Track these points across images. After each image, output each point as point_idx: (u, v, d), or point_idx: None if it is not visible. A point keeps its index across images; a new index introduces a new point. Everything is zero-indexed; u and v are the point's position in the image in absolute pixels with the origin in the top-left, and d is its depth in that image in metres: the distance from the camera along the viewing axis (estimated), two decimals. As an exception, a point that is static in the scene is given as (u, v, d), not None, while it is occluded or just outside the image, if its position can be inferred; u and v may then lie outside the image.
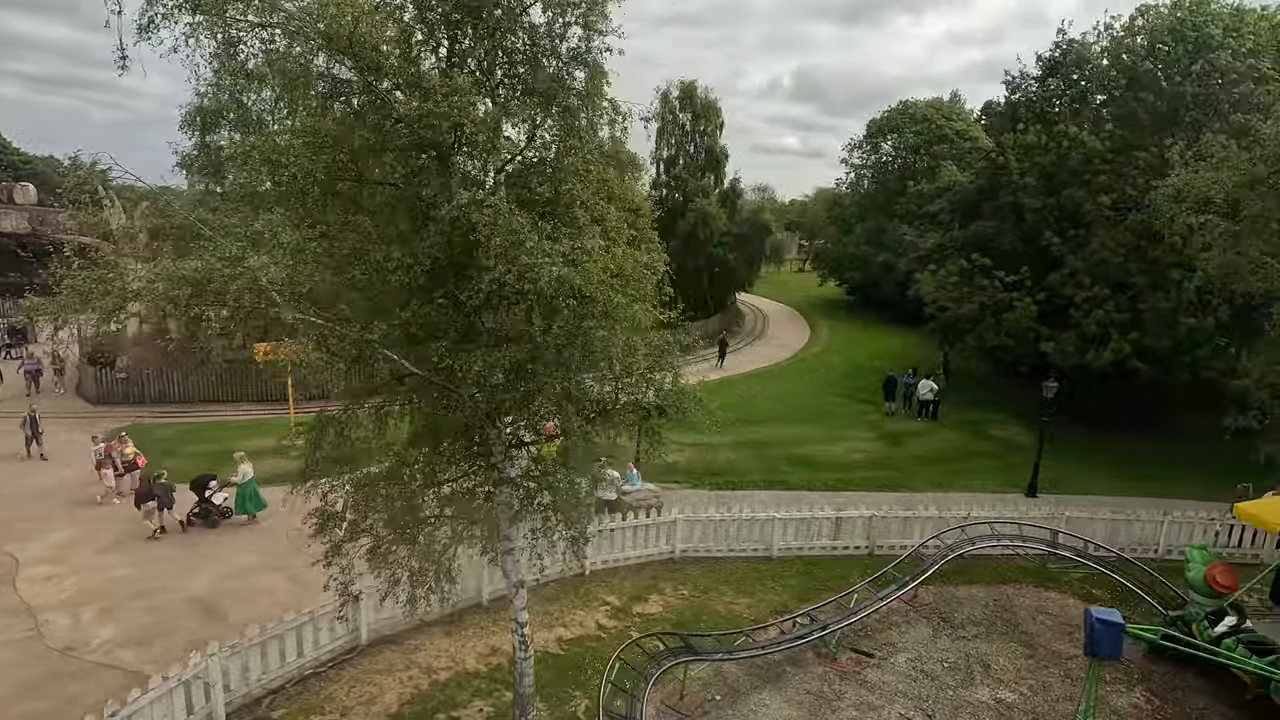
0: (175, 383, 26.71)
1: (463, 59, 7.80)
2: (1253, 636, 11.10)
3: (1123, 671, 12.16)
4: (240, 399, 27.22)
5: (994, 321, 25.30)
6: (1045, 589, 14.81)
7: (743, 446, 22.96)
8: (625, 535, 15.03)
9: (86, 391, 27.09)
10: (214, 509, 15.93)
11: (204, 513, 15.91)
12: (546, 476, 9.03)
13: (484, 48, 7.73)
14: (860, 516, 15.93)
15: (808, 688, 11.37)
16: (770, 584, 14.54)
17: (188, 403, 26.74)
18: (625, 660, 9.96)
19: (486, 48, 7.90)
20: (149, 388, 26.62)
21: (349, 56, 6.82)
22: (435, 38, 7.54)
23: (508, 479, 8.95)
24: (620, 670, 10.02)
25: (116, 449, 18.14)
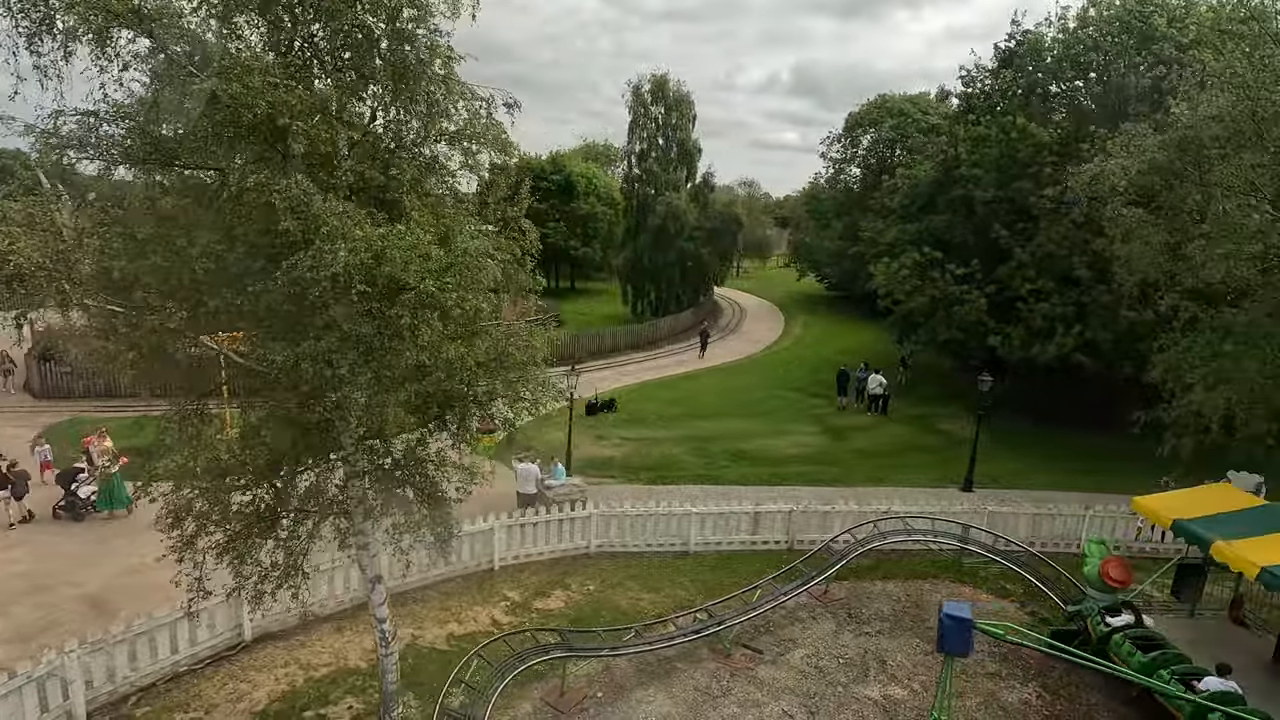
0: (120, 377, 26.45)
1: (292, 41, 7.60)
2: (1142, 632, 10.97)
3: (1019, 666, 12.06)
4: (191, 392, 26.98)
5: (945, 315, 25.15)
6: (961, 584, 14.68)
7: (685, 441, 22.82)
8: (537, 530, 14.86)
9: (32, 386, 26.85)
10: (79, 502, 15.79)
11: (69, 505, 15.79)
12: (398, 471, 8.88)
13: (309, 27, 7.52)
14: (779, 511, 15.78)
15: (695, 684, 11.22)
16: (681, 579, 14.38)
17: (135, 396, 26.48)
18: (484, 657, 9.77)
19: (320, 28, 7.72)
20: (95, 381, 26.37)
21: (143, 33, 6.59)
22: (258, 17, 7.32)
23: (359, 473, 8.78)
24: (477, 668, 9.81)
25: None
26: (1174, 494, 12.11)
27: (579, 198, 61.90)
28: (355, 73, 7.89)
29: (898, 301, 26.87)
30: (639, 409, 26.58)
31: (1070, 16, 25.05)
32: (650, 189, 46.64)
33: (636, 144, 48.47)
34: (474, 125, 9.23)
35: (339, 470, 8.87)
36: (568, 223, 61.01)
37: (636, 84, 48.03)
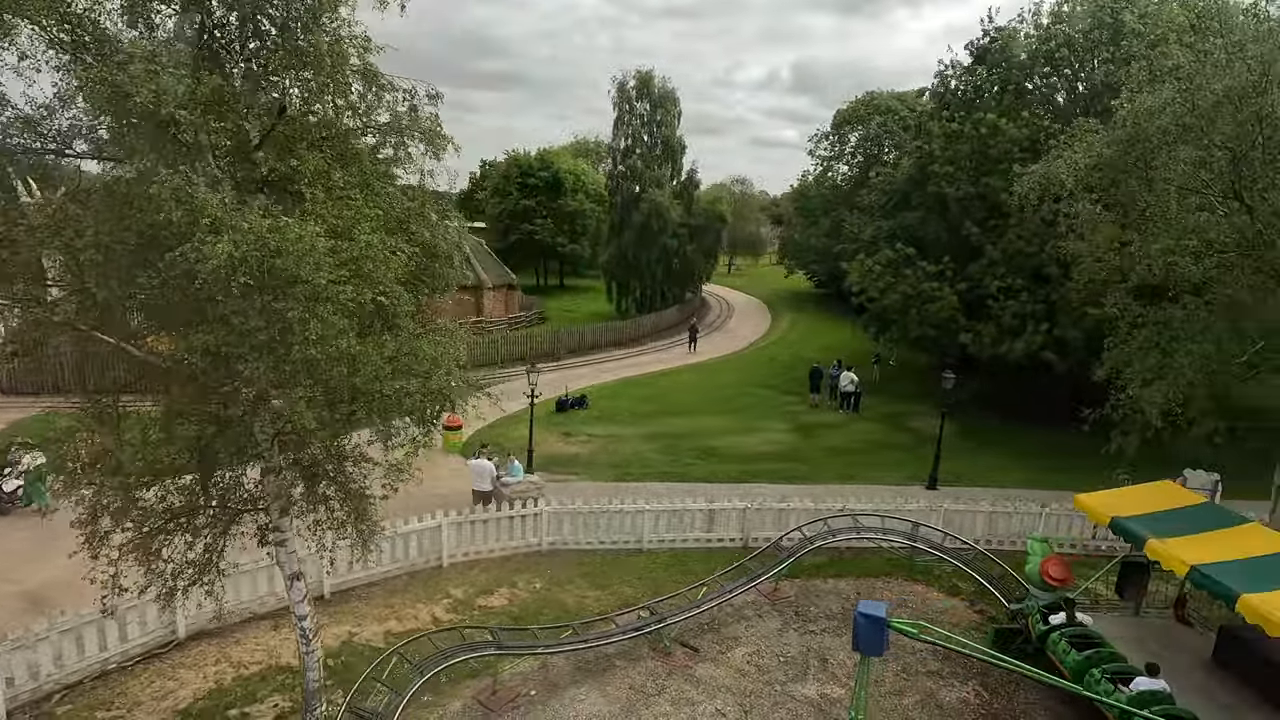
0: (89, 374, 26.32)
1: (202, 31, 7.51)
2: (1078, 631, 10.89)
3: (961, 665, 11.97)
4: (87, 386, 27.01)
5: (918, 312, 25.06)
6: (914, 583, 14.61)
7: (654, 438, 22.72)
8: (487, 528, 14.76)
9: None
10: (3, 496, 15.69)
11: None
12: (315, 468, 8.78)
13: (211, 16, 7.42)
14: (733, 508, 15.69)
15: (631, 682, 11.13)
16: (631, 577, 14.28)
17: (103, 392, 26.38)
18: (404, 656, 9.67)
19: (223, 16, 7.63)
20: (63, 376, 26.22)
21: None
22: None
23: (274, 469, 8.67)
24: (395, 666, 9.70)
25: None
26: (1116, 491, 12.03)
27: (567, 194, 61.78)
28: (261, 62, 7.80)
29: (872, 299, 26.78)
30: (611, 406, 26.48)
31: (1044, 13, 24.96)
32: (634, 186, 46.46)
33: (621, 140, 48.31)
34: (400, 118, 9.16)
35: (256, 466, 8.78)
36: (555, 219, 60.91)
37: (621, 80, 47.94)
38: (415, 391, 8.48)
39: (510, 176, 62.35)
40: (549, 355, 37.03)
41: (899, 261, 25.54)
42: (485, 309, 44.64)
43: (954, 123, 25.54)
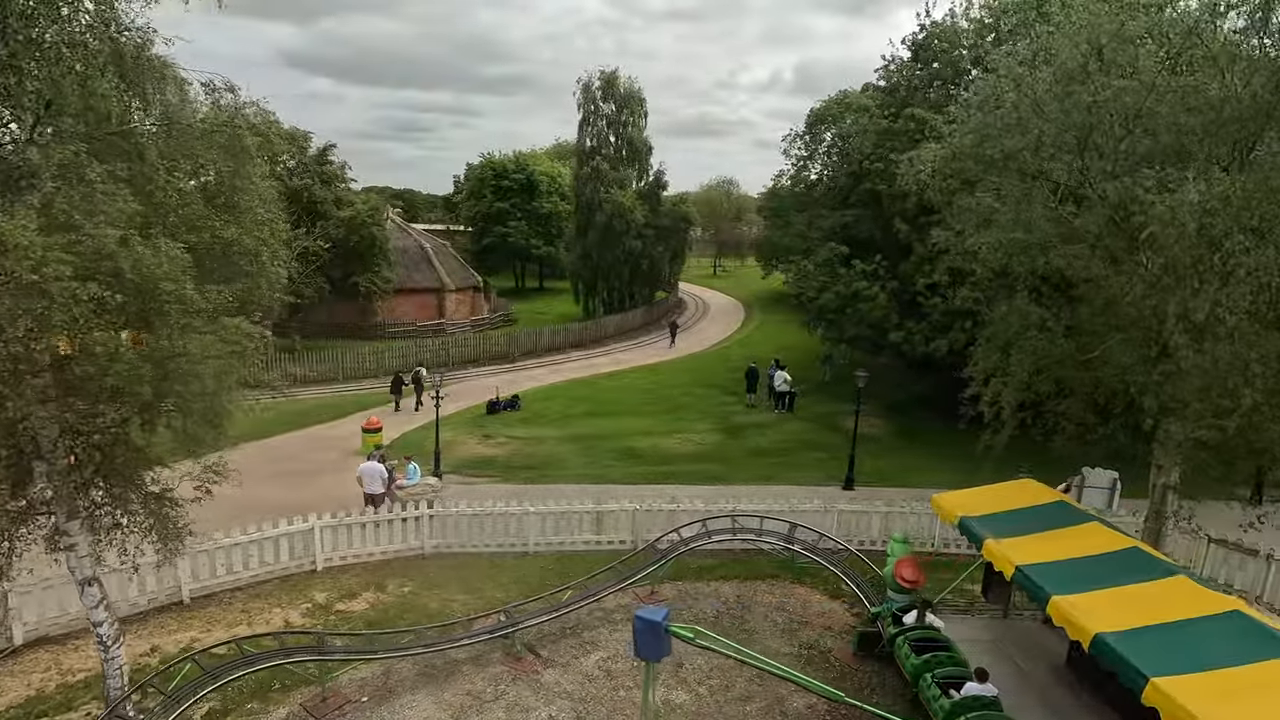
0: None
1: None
2: (923, 634, 10.60)
3: (823, 668, 11.69)
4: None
5: (853, 311, 24.76)
6: (798, 585, 14.33)
7: (576, 440, 22.47)
8: (365, 531, 14.53)
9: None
10: None
11: None
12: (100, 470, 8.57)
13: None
14: (623, 510, 15.43)
15: (470, 689, 10.88)
16: (506, 580, 14.03)
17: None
18: (199, 663, 9.42)
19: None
20: None
21: None
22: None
23: (57, 471, 8.46)
24: (187, 673, 9.40)
25: None
26: (974, 491, 11.74)
27: (541, 197, 61.67)
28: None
29: (811, 299, 26.50)
30: (545, 408, 26.25)
31: (976, 5, 24.69)
32: (600, 187, 46.25)
33: (587, 141, 48.12)
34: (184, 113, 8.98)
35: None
36: (529, 222, 60.79)
37: (586, 81, 47.77)
38: (193, 394, 8.27)
39: (485, 179, 62.29)
40: (504, 357, 36.85)
41: (833, 261, 25.26)
42: (448, 311, 44.51)
43: (885, 118, 25.26)
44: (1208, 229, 7.22)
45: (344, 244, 34.71)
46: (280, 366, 29.80)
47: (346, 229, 34.30)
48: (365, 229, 34.81)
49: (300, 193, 33.22)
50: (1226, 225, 7.13)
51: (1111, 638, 7.49)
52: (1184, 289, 7.71)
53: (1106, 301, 9.13)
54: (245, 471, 20.02)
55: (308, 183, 33.65)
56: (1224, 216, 7.19)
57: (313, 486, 19.13)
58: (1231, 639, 7.32)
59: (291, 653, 10.04)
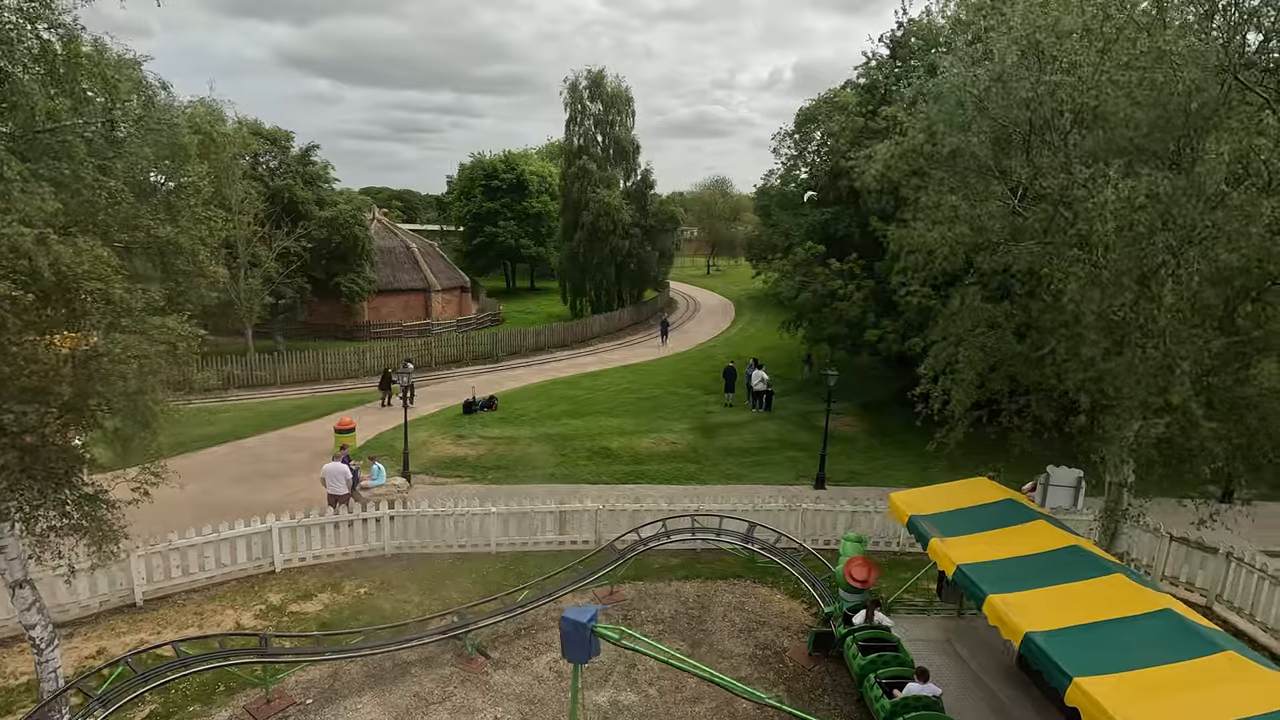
0: None
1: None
2: (871, 634, 10.53)
3: (773, 670, 11.62)
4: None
5: (830, 310, 24.68)
6: (759, 585, 14.25)
7: (549, 439, 22.39)
8: (325, 532, 14.45)
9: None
10: None
11: None
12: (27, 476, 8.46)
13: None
14: (585, 510, 15.35)
15: (418, 690, 10.80)
16: (465, 581, 13.96)
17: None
18: (130, 665, 9.33)
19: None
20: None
21: None
22: None
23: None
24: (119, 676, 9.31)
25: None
26: (926, 489, 11.68)
27: (532, 196, 61.55)
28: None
29: (790, 299, 26.43)
30: (523, 407, 26.17)
31: (953, 3, 24.60)
32: (587, 186, 46.17)
33: (574, 140, 48.05)
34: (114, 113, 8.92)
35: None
36: (519, 222, 60.69)
37: (574, 80, 47.70)
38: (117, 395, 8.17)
39: (475, 179, 62.19)
40: (488, 357, 36.79)
41: (810, 260, 25.18)
42: (434, 311, 44.44)
43: (862, 116, 25.19)
44: (1132, 227, 7.15)
45: (326, 244, 34.66)
46: (246, 366, 29.76)
47: (329, 229, 34.22)
48: (347, 229, 34.73)
49: (281, 193, 33.17)
50: (1150, 224, 7.06)
51: (1040, 637, 7.42)
52: (1108, 288, 7.65)
53: (1054, 298, 9.06)
54: (215, 473, 20.33)
55: (289, 183, 33.54)
56: (1150, 214, 7.11)
57: (281, 487, 19.08)
58: (1160, 638, 7.25)
59: (231, 655, 9.93)
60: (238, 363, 29.66)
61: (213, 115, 27.08)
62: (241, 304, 29.58)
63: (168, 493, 18.13)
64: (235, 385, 29.22)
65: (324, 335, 39.42)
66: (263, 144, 34.48)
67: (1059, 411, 11.12)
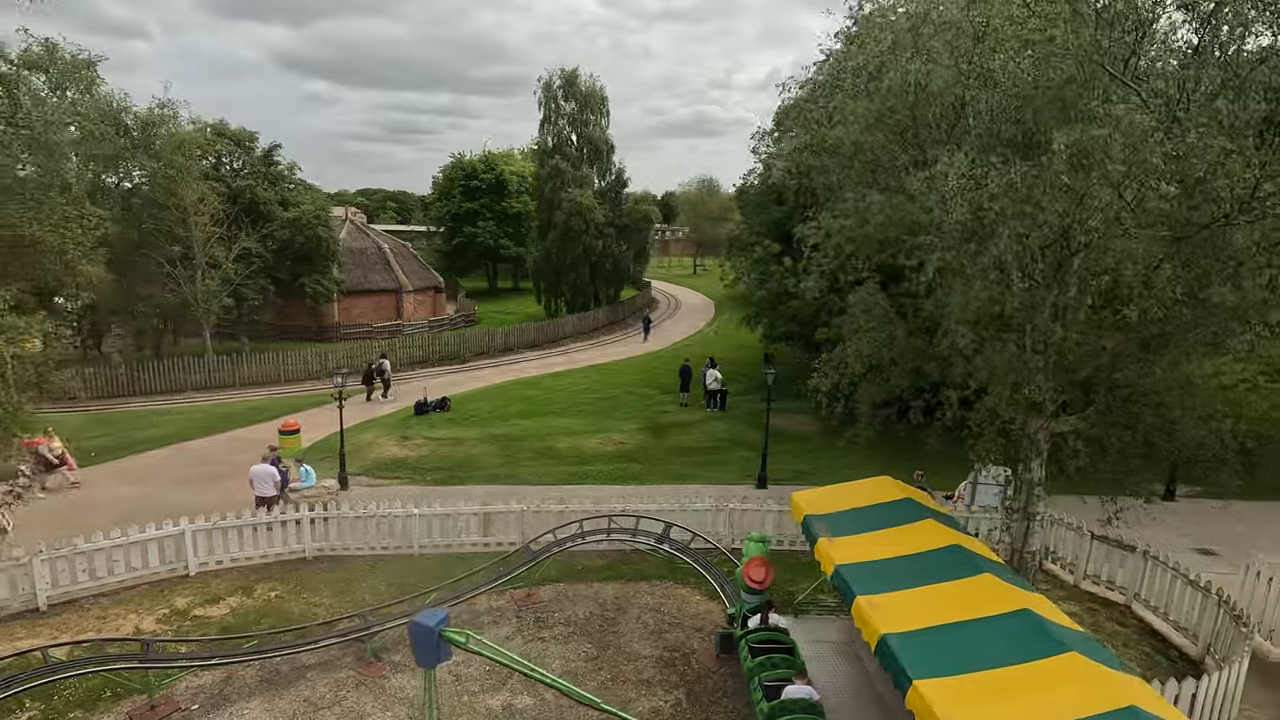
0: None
1: None
2: (765, 635, 10.39)
3: (676, 673, 11.47)
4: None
5: (784, 308, 24.56)
6: (681, 586, 14.11)
7: (495, 440, 22.24)
8: (242, 534, 14.28)
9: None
10: None
11: None
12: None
13: None
14: (511, 512, 15.20)
15: (309, 695, 10.65)
16: (381, 583, 13.80)
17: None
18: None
19: None
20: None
21: None
22: None
23: None
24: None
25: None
26: (827, 489, 11.54)
27: (511, 196, 61.45)
28: None
29: (749, 296, 26.31)
30: (477, 408, 26.02)
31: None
32: (560, 186, 46.04)
33: (548, 140, 47.94)
34: None
35: None
36: (498, 222, 60.58)
37: (547, 79, 47.56)
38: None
39: (454, 179, 62.06)
40: (455, 358, 36.64)
41: (766, 259, 25.06)
42: (406, 312, 44.30)
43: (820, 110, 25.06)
44: (981, 217, 7.02)
45: (290, 245, 34.50)
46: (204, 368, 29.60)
47: (291, 230, 34.05)
48: (310, 230, 34.55)
49: (243, 193, 32.99)
50: (999, 214, 6.92)
51: (893, 639, 7.29)
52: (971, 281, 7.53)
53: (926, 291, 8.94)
54: (157, 475, 20.12)
55: (250, 183, 33.36)
56: (1005, 203, 6.97)
57: (221, 489, 18.89)
58: (1011, 639, 7.11)
59: (107, 661, 9.78)
60: (195, 364, 29.48)
61: (165, 116, 26.99)
62: (199, 305, 29.39)
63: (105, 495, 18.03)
64: (192, 387, 29.05)
65: (293, 336, 39.27)
66: (226, 145, 34.31)
67: (962, 409, 11.00)
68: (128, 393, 28.37)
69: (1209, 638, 11.07)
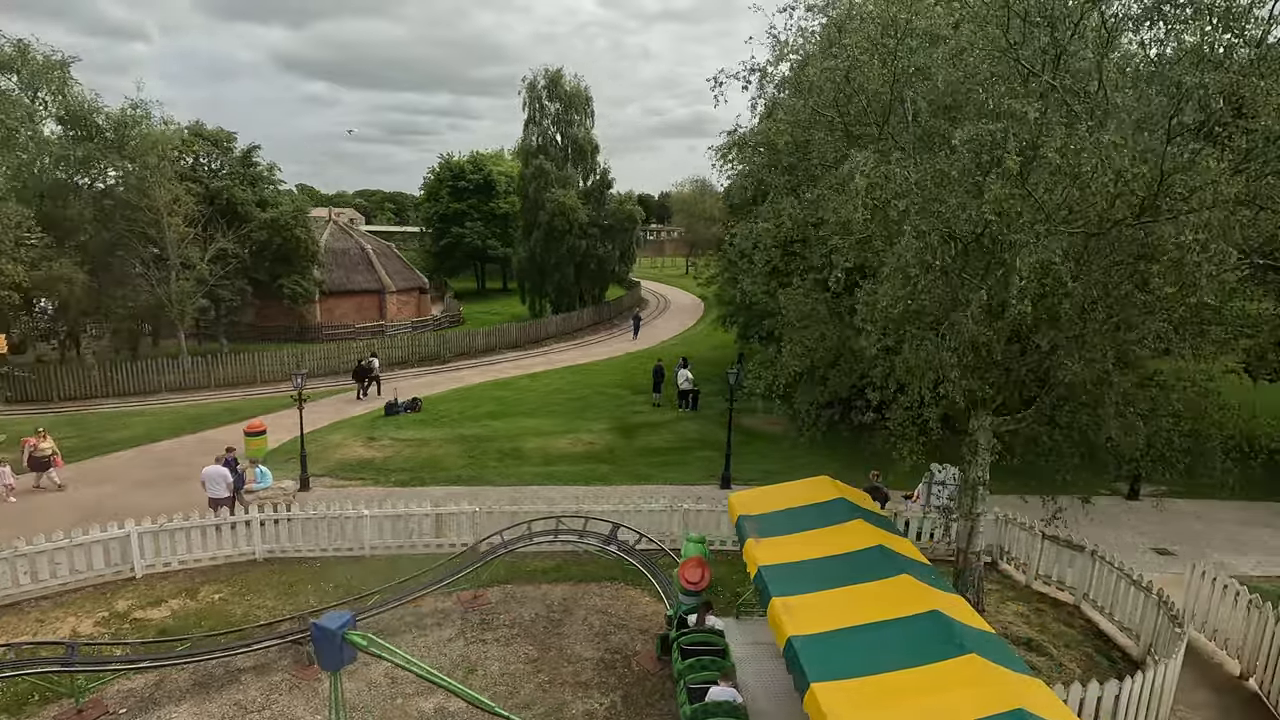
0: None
1: None
2: (697, 637, 10.30)
3: (614, 675, 11.38)
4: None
5: (756, 306, 24.45)
6: (631, 587, 14.02)
7: (462, 441, 22.15)
8: (190, 536, 14.19)
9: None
10: None
11: None
12: None
13: None
14: (463, 513, 15.11)
15: (240, 698, 10.55)
16: (329, 584, 13.71)
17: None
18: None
19: None
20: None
21: None
22: None
23: None
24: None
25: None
26: (765, 489, 11.46)
27: (499, 197, 61.40)
28: None
29: (718, 296, 26.24)
30: (448, 409, 25.93)
31: None
32: (544, 186, 45.97)
33: (532, 140, 47.87)
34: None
35: None
36: (486, 222, 60.53)
37: (531, 79, 47.51)
38: None
39: (442, 180, 62.02)
40: (436, 358, 36.55)
41: (734, 261, 24.96)
42: (390, 313, 44.22)
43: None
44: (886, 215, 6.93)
45: (268, 246, 34.41)
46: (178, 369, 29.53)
47: (269, 230, 33.95)
48: (288, 231, 34.43)
49: (220, 194, 32.90)
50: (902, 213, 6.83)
51: (799, 641, 7.21)
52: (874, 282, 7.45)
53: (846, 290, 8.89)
54: (119, 477, 20.04)
55: (227, 184, 33.27)
56: (909, 201, 6.89)
57: (183, 491, 18.80)
58: (916, 641, 7.03)
59: (25, 665, 9.69)
60: (170, 366, 29.39)
61: (137, 117, 26.92)
62: (172, 306, 29.29)
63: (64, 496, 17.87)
64: (166, 389, 28.96)
65: (274, 337, 39.17)
66: (204, 145, 34.23)
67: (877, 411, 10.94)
68: (101, 394, 28.28)
69: (1150, 638, 10.99)
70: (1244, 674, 10.84)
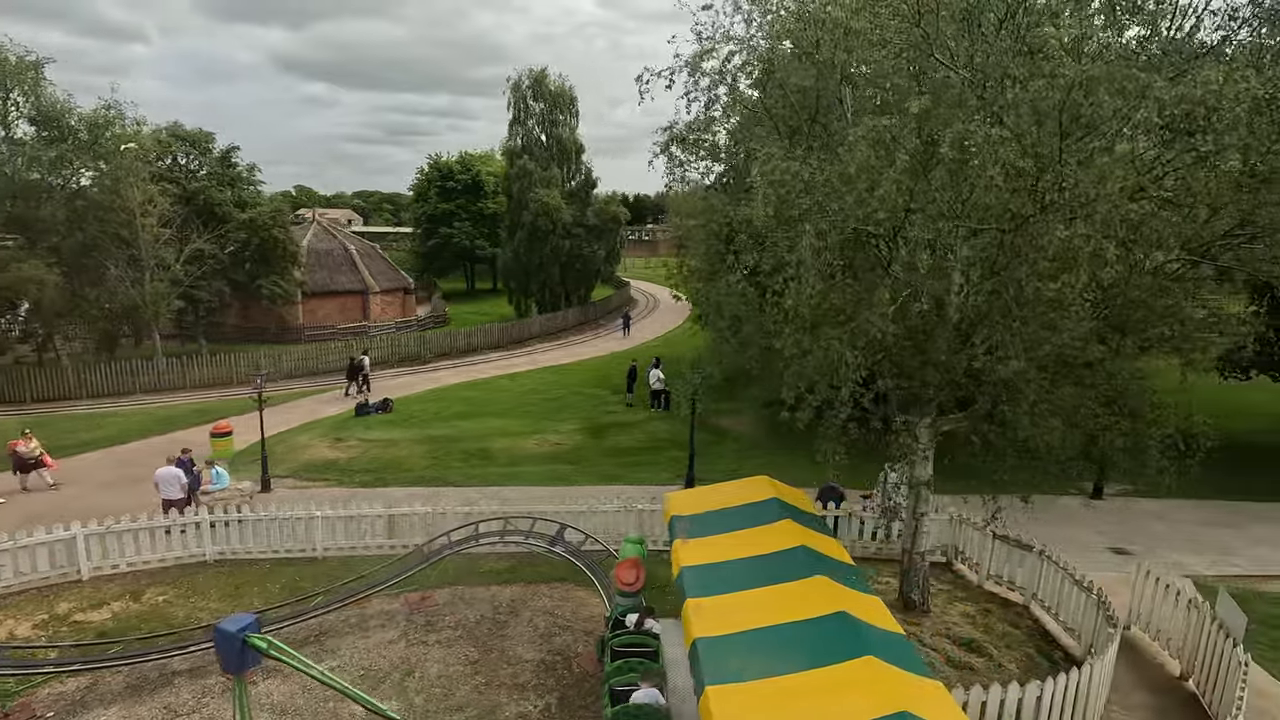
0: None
1: None
2: (629, 639, 10.20)
3: (553, 677, 11.30)
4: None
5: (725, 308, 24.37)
6: (580, 588, 13.91)
7: (430, 441, 22.07)
8: (139, 538, 14.11)
9: None
10: None
11: None
12: None
13: None
14: (416, 514, 15.02)
15: (171, 702, 10.47)
16: (276, 586, 13.64)
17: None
18: None
19: None
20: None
21: None
22: None
23: None
24: None
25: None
26: (701, 489, 11.41)
27: (487, 197, 61.34)
28: None
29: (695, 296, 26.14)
30: (420, 409, 25.85)
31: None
32: (527, 186, 45.88)
33: (517, 140, 47.78)
34: None
35: None
36: (474, 223, 60.47)
37: (516, 79, 47.42)
38: None
39: (431, 180, 61.97)
40: (416, 359, 36.47)
41: (716, 258, 24.88)
42: (373, 313, 44.14)
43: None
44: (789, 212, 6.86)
45: (247, 246, 34.32)
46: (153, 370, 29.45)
47: (247, 231, 33.86)
48: (266, 231, 34.34)
49: (198, 195, 32.82)
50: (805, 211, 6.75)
51: (703, 643, 7.13)
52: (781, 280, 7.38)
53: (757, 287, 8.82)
54: (83, 478, 19.96)
55: (205, 185, 33.18)
56: (812, 200, 6.82)
57: (143, 492, 18.70)
58: (820, 642, 6.94)
59: (-53, 667, 9.61)
60: (144, 367, 29.31)
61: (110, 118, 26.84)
62: (146, 307, 29.21)
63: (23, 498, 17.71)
64: (140, 390, 28.87)
65: (256, 338, 39.10)
66: (182, 146, 34.15)
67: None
68: (75, 395, 28.20)
69: (1090, 638, 10.90)
70: (1184, 674, 10.76)
